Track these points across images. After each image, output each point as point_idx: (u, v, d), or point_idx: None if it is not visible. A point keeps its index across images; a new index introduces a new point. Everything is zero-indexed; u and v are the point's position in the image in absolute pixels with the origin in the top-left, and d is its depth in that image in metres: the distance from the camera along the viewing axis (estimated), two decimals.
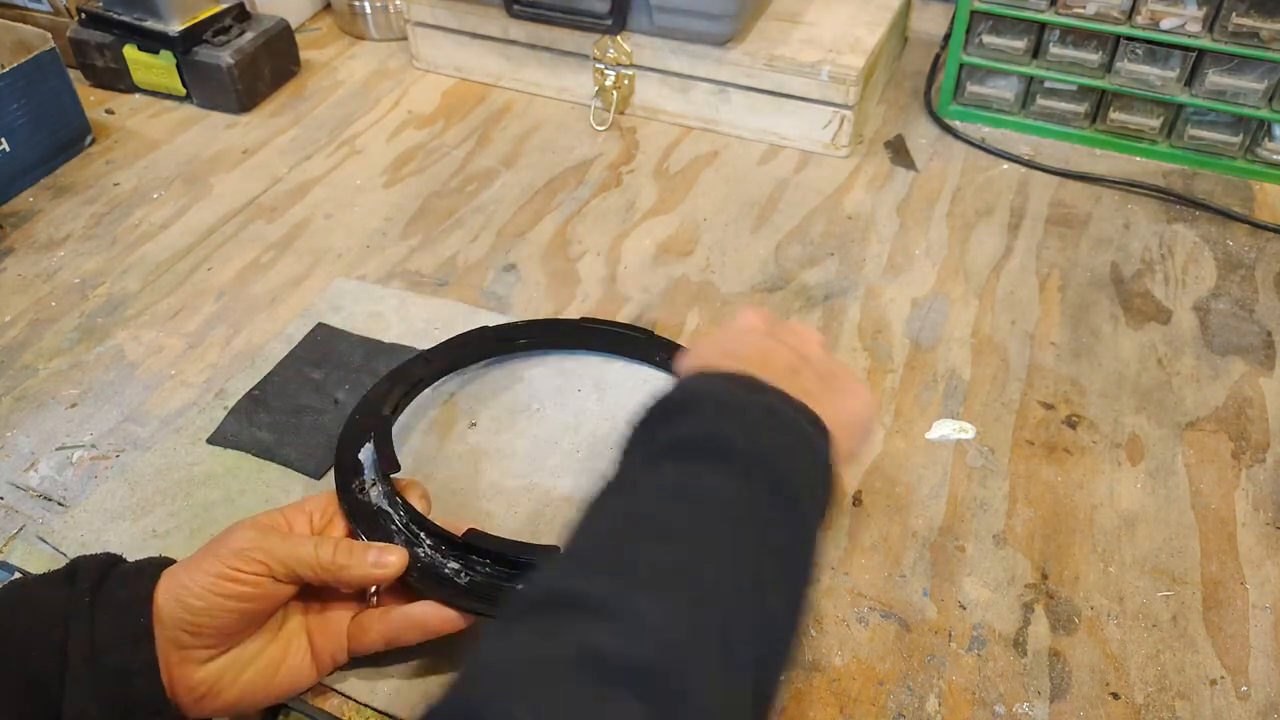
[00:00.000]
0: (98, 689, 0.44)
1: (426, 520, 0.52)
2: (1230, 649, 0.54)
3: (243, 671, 0.48)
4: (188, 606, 0.45)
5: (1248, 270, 0.79)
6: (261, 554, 0.47)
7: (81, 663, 0.44)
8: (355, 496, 0.53)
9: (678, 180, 0.90)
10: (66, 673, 0.44)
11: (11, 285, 0.79)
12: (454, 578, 0.50)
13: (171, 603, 0.45)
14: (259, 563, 0.46)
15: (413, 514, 0.52)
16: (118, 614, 0.45)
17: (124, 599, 0.46)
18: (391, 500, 0.53)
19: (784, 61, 0.90)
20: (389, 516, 0.52)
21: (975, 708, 0.51)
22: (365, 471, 0.55)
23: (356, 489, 0.54)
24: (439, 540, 0.51)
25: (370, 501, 0.53)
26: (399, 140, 0.96)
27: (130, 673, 0.44)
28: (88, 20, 1.00)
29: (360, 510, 0.53)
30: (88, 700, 0.44)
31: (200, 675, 0.46)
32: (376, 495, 0.53)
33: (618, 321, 0.71)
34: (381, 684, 0.52)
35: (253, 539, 0.47)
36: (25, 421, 0.67)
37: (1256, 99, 0.84)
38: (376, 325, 0.74)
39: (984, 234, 0.83)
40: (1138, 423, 0.67)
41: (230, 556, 0.46)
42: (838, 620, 0.55)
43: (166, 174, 0.92)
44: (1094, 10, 0.86)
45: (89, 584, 0.46)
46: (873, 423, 0.51)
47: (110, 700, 0.44)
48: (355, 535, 0.51)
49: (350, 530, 0.52)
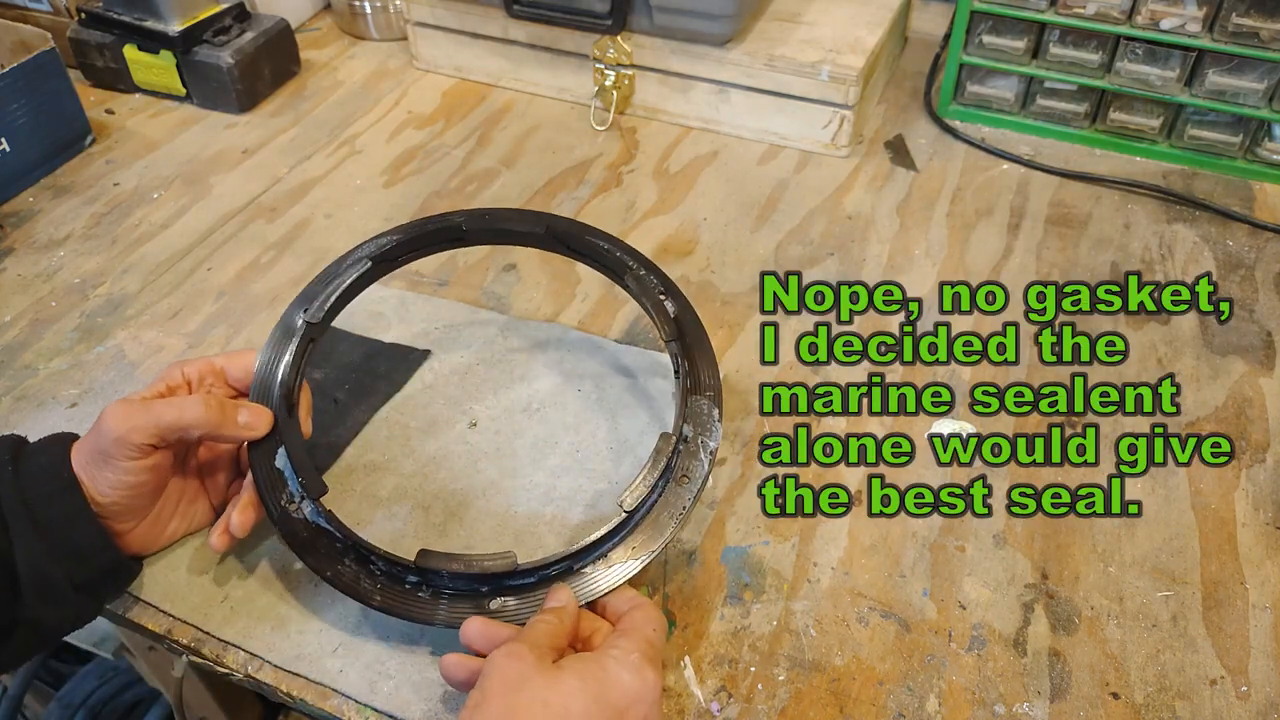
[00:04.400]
0: (41, 538, 0.49)
1: (374, 546, 0.52)
2: (1230, 649, 0.54)
3: (164, 529, 0.56)
4: (99, 503, 0.51)
5: (1248, 270, 0.79)
6: (139, 434, 0.50)
7: (19, 520, 0.48)
8: (289, 516, 0.53)
9: (678, 180, 0.90)
10: (10, 530, 0.48)
11: (11, 285, 0.79)
12: (416, 592, 0.51)
13: (89, 482, 0.51)
14: (141, 445, 0.51)
15: (356, 538, 0.52)
16: (40, 473, 0.51)
17: (44, 462, 0.51)
18: (328, 518, 0.53)
19: (784, 61, 0.90)
20: (330, 536, 0.53)
21: (975, 708, 0.51)
22: (290, 484, 0.54)
23: (286, 503, 0.54)
24: (390, 562, 0.51)
25: (306, 519, 0.53)
26: (399, 140, 0.96)
27: (66, 518, 0.50)
28: (88, 20, 1.00)
29: (294, 530, 0.53)
30: (36, 548, 0.48)
31: (129, 540, 0.54)
32: (311, 512, 0.53)
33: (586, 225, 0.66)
34: (381, 684, 0.52)
35: (121, 423, 0.50)
36: (25, 421, 0.67)
37: (1256, 99, 0.84)
38: (376, 325, 0.74)
39: (984, 234, 0.83)
40: (1138, 423, 0.67)
41: (115, 450, 0.50)
42: (838, 620, 0.55)
43: (166, 174, 0.92)
44: (1094, 10, 0.86)
45: (8, 455, 0.51)
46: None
47: (59, 549, 0.49)
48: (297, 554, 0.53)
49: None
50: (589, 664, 0.45)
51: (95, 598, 0.53)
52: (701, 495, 0.53)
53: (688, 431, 0.55)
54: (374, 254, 0.62)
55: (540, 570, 0.51)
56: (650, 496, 0.52)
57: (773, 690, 0.52)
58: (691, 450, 0.54)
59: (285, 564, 0.58)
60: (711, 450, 0.54)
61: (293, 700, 0.53)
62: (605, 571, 0.51)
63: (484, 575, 0.50)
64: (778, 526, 0.60)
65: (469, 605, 0.50)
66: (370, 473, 0.63)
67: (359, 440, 0.65)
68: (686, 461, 0.54)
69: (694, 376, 0.57)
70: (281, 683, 0.53)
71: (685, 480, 0.53)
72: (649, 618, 0.49)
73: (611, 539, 0.52)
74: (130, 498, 0.52)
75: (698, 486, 0.53)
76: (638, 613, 0.49)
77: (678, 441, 0.54)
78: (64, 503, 0.50)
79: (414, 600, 0.51)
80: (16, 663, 0.51)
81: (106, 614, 0.56)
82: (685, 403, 0.56)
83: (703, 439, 0.54)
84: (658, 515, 0.52)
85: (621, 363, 0.70)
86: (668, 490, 0.53)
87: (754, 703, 0.52)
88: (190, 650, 0.55)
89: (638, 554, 0.51)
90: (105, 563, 0.52)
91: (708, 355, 0.58)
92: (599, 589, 0.50)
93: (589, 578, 0.51)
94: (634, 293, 0.62)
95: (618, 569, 0.51)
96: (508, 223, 0.65)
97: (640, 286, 0.61)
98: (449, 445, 0.65)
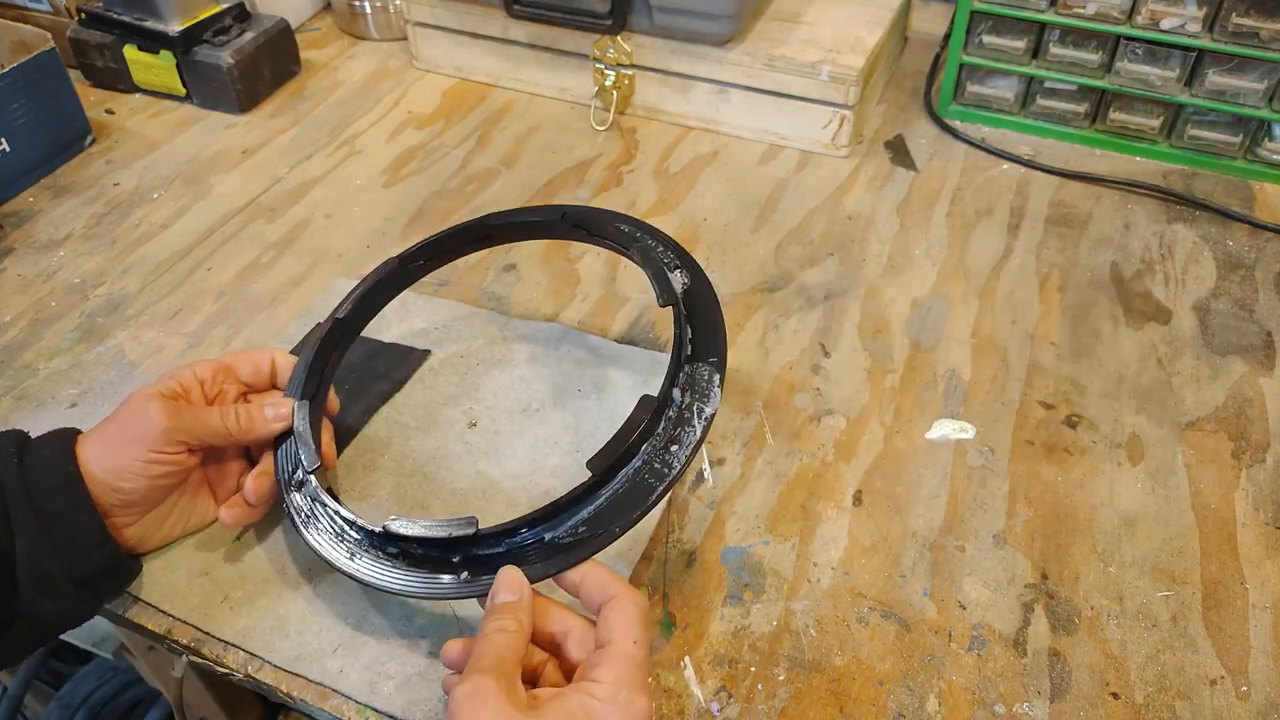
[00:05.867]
0: (43, 530, 0.49)
1: (354, 518, 0.53)
2: (1230, 649, 0.54)
3: (161, 526, 0.56)
4: (119, 488, 0.52)
5: (1248, 270, 0.79)
6: (182, 434, 0.52)
7: (22, 511, 0.49)
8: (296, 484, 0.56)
9: (678, 180, 0.90)
10: (12, 521, 0.49)
11: (11, 285, 0.79)
12: (392, 563, 0.52)
13: (102, 473, 0.51)
14: (180, 443, 0.53)
15: (339, 514, 0.53)
16: (45, 467, 0.51)
17: (48, 455, 0.51)
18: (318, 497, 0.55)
19: (784, 61, 0.90)
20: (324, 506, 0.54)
21: (975, 708, 0.51)
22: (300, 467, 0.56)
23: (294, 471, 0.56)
24: (368, 535, 0.52)
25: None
26: (399, 140, 0.96)
27: (68, 511, 0.50)
28: (88, 20, 1.00)
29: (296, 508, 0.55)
30: (37, 541, 0.49)
31: (126, 534, 0.54)
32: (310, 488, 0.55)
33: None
34: (381, 684, 0.52)
35: (170, 419, 0.52)
36: (25, 421, 0.67)
37: (1256, 99, 0.84)
38: (377, 325, 0.73)
39: (984, 234, 0.83)
40: (1138, 423, 0.67)
41: (156, 441, 0.52)
42: (838, 620, 0.55)
43: (166, 174, 0.92)
44: (1094, 10, 0.86)
45: (13, 448, 0.51)
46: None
47: (59, 543, 0.49)
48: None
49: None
50: (572, 707, 0.41)
51: (94, 594, 0.53)
52: (693, 463, 0.50)
53: (680, 398, 0.51)
54: (404, 256, 0.66)
55: (505, 537, 0.49)
56: (627, 459, 0.49)
57: (773, 690, 0.52)
58: (685, 417, 0.51)
59: (285, 564, 0.58)
60: (707, 416, 0.50)
61: (293, 700, 0.53)
62: (577, 540, 0.47)
63: (447, 541, 0.49)
64: (778, 526, 0.60)
65: (449, 577, 0.50)
66: (370, 473, 0.63)
67: (359, 440, 0.65)
68: (677, 427, 0.50)
69: (695, 343, 0.54)
70: (281, 683, 0.53)
71: (675, 446, 0.50)
72: (627, 625, 0.44)
73: (585, 504, 0.48)
74: (149, 489, 0.53)
75: (688, 452, 0.49)
76: (613, 617, 0.45)
77: (663, 405, 0.51)
78: (66, 496, 0.50)
79: (386, 569, 0.51)
80: (14, 658, 0.51)
81: (106, 614, 0.56)
82: (678, 366, 0.52)
83: (698, 404, 0.51)
84: (640, 481, 0.49)
85: (621, 363, 0.70)
86: (652, 455, 0.49)
87: (754, 703, 0.52)
88: (190, 650, 0.55)
89: (614, 522, 0.48)
90: (105, 558, 0.52)
91: (716, 327, 0.55)
92: (566, 561, 0.47)
93: (558, 547, 0.48)
94: (638, 263, 0.60)
95: (590, 539, 0.47)
96: (529, 215, 0.67)
97: (644, 257, 0.59)
98: (449, 445, 0.65)
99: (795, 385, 0.69)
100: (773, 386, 0.69)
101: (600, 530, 0.48)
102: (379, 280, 0.65)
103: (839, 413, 0.67)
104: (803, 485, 0.63)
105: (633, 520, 0.48)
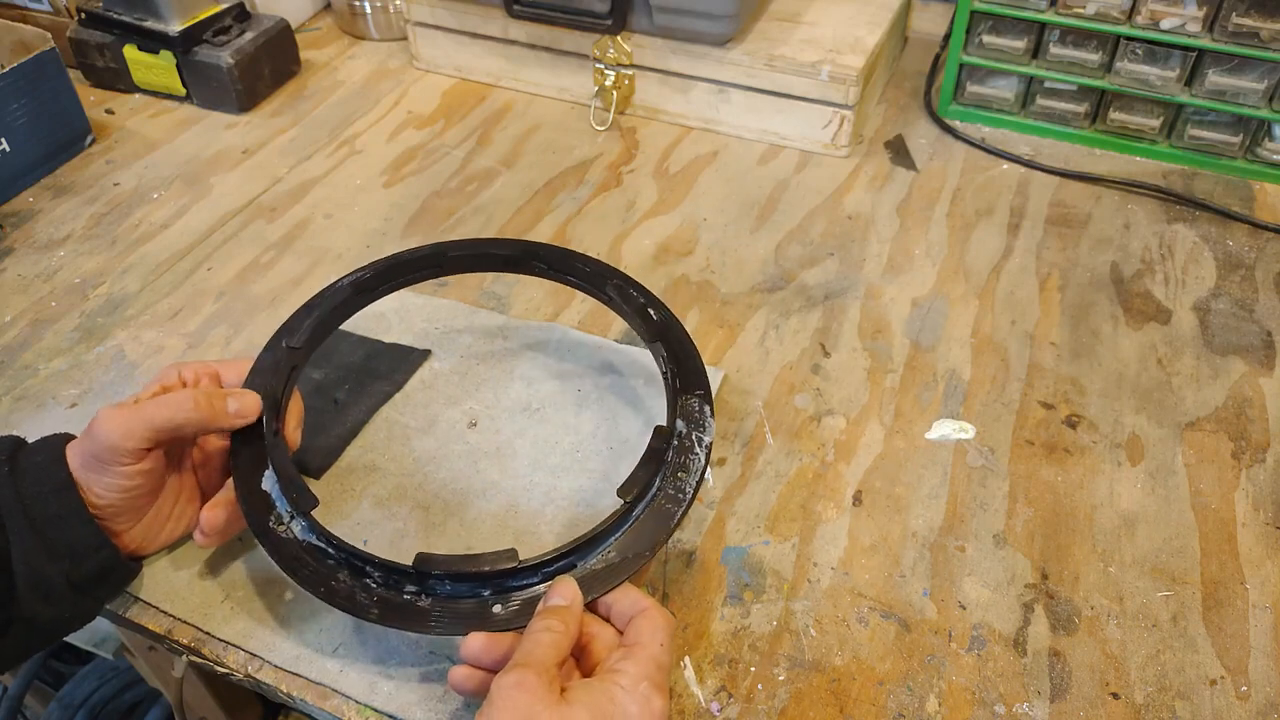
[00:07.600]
0: (37, 535, 0.49)
1: (370, 555, 0.50)
2: (1230, 649, 0.54)
3: (162, 529, 0.56)
4: (96, 503, 0.51)
5: (1248, 270, 0.79)
6: (133, 439, 0.51)
7: (15, 517, 0.49)
8: (279, 537, 0.52)
9: (678, 180, 0.90)
10: (6, 528, 0.49)
11: (11, 285, 0.79)
12: (414, 602, 0.49)
13: (84, 484, 0.51)
14: (135, 450, 0.51)
15: (351, 548, 0.50)
16: (37, 473, 0.51)
17: (40, 461, 0.51)
18: (319, 533, 0.51)
19: (784, 61, 0.90)
20: (322, 551, 0.51)
21: (975, 708, 0.51)
22: (278, 505, 0.53)
23: (275, 524, 0.52)
24: (387, 571, 0.50)
25: (296, 538, 0.52)
26: (399, 140, 0.96)
27: (62, 517, 0.50)
28: (88, 20, 1.00)
29: (285, 551, 0.51)
30: (32, 545, 0.49)
31: (127, 539, 0.54)
32: (301, 530, 0.52)
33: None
34: (382, 684, 0.52)
35: (114, 430, 0.51)
36: (25, 421, 0.67)
37: (1256, 99, 0.84)
38: (377, 325, 0.74)
39: (984, 234, 0.83)
40: (1138, 423, 0.67)
41: (109, 455, 0.51)
42: (838, 620, 0.55)
43: (166, 174, 0.92)
44: (1094, 10, 0.86)
45: (4, 455, 0.51)
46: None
47: (55, 547, 0.50)
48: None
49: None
50: (597, 695, 0.44)
51: (93, 597, 0.53)
52: (701, 488, 0.53)
53: (681, 428, 0.55)
54: (356, 281, 0.64)
55: (543, 568, 0.50)
56: (649, 488, 0.52)
57: (773, 690, 0.52)
58: (686, 445, 0.54)
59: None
60: (706, 444, 0.54)
61: (293, 700, 0.53)
62: (609, 566, 0.50)
63: (485, 575, 0.49)
64: (778, 526, 0.60)
65: (472, 606, 0.49)
66: (370, 473, 0.63)
67: (359, 440, 0.65)
68: (682, 455, 0.54)
69: (682, 377, 0.57)
70: (281, 683, 0.53)
71: (683, 473, 0.53)
72: (656, 630, 0.47)
73: (615, 531, 0.51)
74: (127, 500, 0.52)
75: (696, 478, 0.53)
76: (644, 623, 0.47)
77: (671, 435, 0.54)
78: (59, 501, 0.50)
79: (413, 610, 0.49)
80: (14, 661, 0.51)
81: (106, 614, 0.56)
82: (676, 401, 0.56)
83: (696, 434, 0.55)
84: (659, 507, 0.52)
85: (621, 362, 0.70)
86: (665, 482, 0.53)
87: (754, 703, 0.52)
88: (190, 650, 0.55)
89: (641, 546, 0.51)
90: (101, 561, 0.52)
91: (693, 357, 0.59)
92: (604, 585, 0.49)
93: (593, 574, 0.50)
94: (615, 302, 0.63)
95: (621, 563, 0.50)
96: (488, 248, 0.67)
97: (621, 295, 0.62)
98: (449, 445, 0.65)
99: (795, 385, 0.69)
100: (773, 386, 0.69)
101: (629, 554, 0.50)
102: (333, 309, 0.62)
103: (839, 413, 0.67)
104: (803, 485, 0.63)
105: (658, 544, 0.51)
